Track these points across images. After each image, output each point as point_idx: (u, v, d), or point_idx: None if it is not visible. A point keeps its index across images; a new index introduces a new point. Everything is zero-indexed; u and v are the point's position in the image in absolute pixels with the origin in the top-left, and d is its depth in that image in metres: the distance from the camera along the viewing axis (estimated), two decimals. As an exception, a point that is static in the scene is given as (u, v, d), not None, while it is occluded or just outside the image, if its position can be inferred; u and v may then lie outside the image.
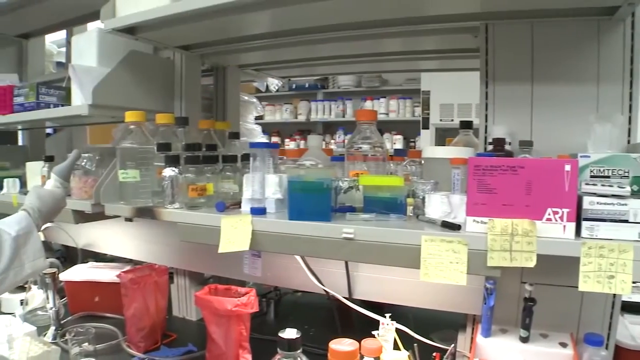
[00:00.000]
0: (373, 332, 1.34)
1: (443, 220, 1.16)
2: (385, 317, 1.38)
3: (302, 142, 6.04)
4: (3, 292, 1.27)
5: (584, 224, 1.03)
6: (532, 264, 1.03)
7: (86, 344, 1.72)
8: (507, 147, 1.38)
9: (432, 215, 1.21)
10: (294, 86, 6.13)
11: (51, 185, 1.52)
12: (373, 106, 5.59)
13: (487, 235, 1.06)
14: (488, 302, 1.29)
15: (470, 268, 1.08)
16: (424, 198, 1.28)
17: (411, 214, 1.25)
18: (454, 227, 1.13)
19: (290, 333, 1.13)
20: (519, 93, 1.45)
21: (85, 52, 1.87)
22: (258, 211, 1.29)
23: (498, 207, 1.08)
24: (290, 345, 1.13)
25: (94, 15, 2.30)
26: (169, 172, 1.42)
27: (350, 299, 1.68)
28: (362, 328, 1.54)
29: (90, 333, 1.74)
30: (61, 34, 3.07)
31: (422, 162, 1.61)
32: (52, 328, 1.98)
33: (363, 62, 2.18)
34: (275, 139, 6.07)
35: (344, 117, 6.00)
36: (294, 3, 1.39)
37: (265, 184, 1.32)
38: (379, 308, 1.54)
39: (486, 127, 1.49)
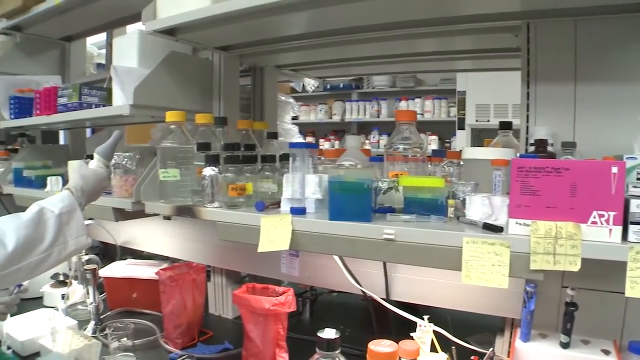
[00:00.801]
0: (412, 334, 1.34)
1: (484, 222, 1.14)
2: (423, 319, 1.36)
3: (337, 142, 6.03)
4: (47, 269, 1.29)
5: (631, 227, 1.01)
6: (576, 267, 1.01)
7: (125, 339, 1.75)
8: (549, 148, 1.35)
9: (472, 216, 1.20)
10: (328, 86, 6.12)
11: (94, 165, 1.53)
12: (408, 106, 5.55)
13: (530, 238, 1.04)
14: (528, 305, 1.27)
15: (513, 271, 1.06)
16: (464, 199, 1.27)
17: (452, 216, 1.24)
18: (496, 229, 1.11)
19: (329, 333, 1.13)
20: (561, 93, 1.41)
21: (126, 53, 1.91)
22: (298, 211, 1.30)
23: (541, 210, 1.06)
24: (329, 345, 1.12)
25: (134, 18, 2.36)
26: (209, 171, 1.44)
27: (387, 300, 1.67)
28: (398, 329, 1.54)
29: (129, 328, 1.77)
30: (101, 36, 3.15)
31: (461, 163, 1.59)
32: (92, 322, 2.02)
33: (398, 62, 2.17)
34: (309, 139, 6.08)
35: (378, 117, 5.96)
36: (332, 4, 1.38)
37: (305, 184, 1.33)
38: (415, 309, 1.53)
39: (527, 128, 1.46)
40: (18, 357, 1.77)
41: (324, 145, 6.02)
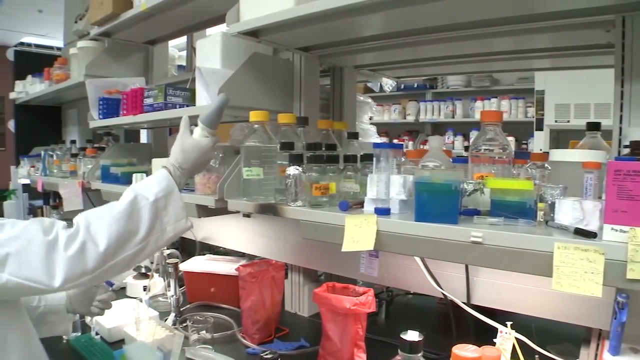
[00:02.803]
0: (495, 340, 1.31)
1: (576, 227, 1.09)
2: (505, 325, 1.33)
3: (410, 143, 5.97)
4: (144, 259, 1.25)
5: None
6: (679, 279, 0.95)
7: (204, 331, 1.82)
8: (645, 150, 1.28)
9: (562, 221, 1.15)
10: (402, 86, 6.06)
11: (197, 134, 1.41)
12: (484, 107, 5.42)
13: (628, 245, 0.98)
14: (619, 317, 1.20)
15: (607, 279, 1.00)
16: (552, 203, 1.22)
17: (541, 220, 1.20)
18: (590, 234, 1.06)
19: (412, 335, 1.12)
20: (660, 92, 1.34)
21: (209, 54, 1.96)
22: (383, 211, 1.29)
23: (641, 216, 1.00)
24: (412, 347, 1.12)
25: (214, 21, 2.45)
26: (292, 170, 1.45)
27: (467, 304, 1.64)
28: (477, 334, 1.51)
29: (208, 322, 1.84)
30: (182, 39, 3.27)
31: (545, 165, 1.54)
32: (172, 314, 2.10)
33: (473, 62, 2.11)
34: (383, 140, 6.05)
35: (453, 117, 5.85)
36: (412, 4, 1.37)
37: (389, 185, 1.32)
38: (492, 315, 1.50)
39: (620, 129, 1.39)
40: (105, 343, 1.87)
41: (399, 146, 5.98)
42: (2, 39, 6.95)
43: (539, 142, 4.56)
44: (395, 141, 6.01)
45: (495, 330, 1.35)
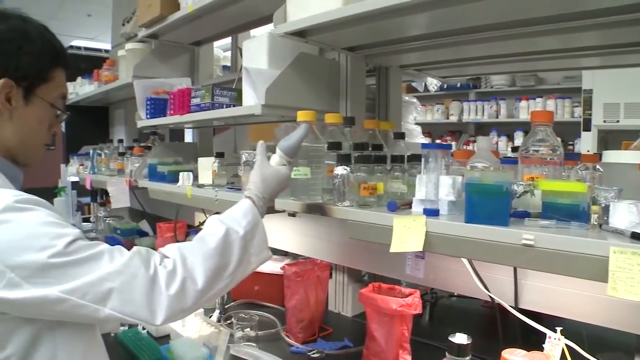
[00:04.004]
0: (543, 346, 1.28)
1: (633, 232, 1.06)
2: (555, 331, 1.30)
3: (454, 143, 5.91)
4: (229, 289, 1.25)
5: None
6: None
7: (248, 329, 1.84)
8: None
9: (616, 224, 1.12)
10: (445, 86, 5.97)
11: (275, 162, 1.40)
12: (529, 107, 5.31)
13: (688, 251, 0.96)
14: (677, 325, 1.17)
15: (666, 286, 0.98)
16: (606, 206, 1.19)
17: (595, 223, 1.16)
18: (647, 239, 1.03)
19: (460, 338, 1.12)
20: None
21: (256, 55, 1.98)
22: (431, 212, 1.27)
23: None
24: (460, 350, 1.11)
25: (259, 22, 2.49)
26: (340, 170, 1.45)
27: (515, 307, 1.61)
28: (523, 339, 1.48)
29: (253, 320, 1.86)
30: (226, 40, 3.32)
31: (597, 166, 1.50)
32: (217, 311, 2.13)
33: (518, 61, 2.07)
34: (426, 140, 5.99)
35: (497, 118, 5.76)
36: (458, 3, 1.36)
37: (438, 185, 1.31)
38: (538, 319, 1.46)
39: (678, 129, 1.34)
40: (151, 338, 1.91)
41: (442, 146, 5.92)
42: (54, 42, 7.21)
43: (586, 143, 4.43)
44: (438, 141, 5.96)
45: (542, 335, 1.32)
